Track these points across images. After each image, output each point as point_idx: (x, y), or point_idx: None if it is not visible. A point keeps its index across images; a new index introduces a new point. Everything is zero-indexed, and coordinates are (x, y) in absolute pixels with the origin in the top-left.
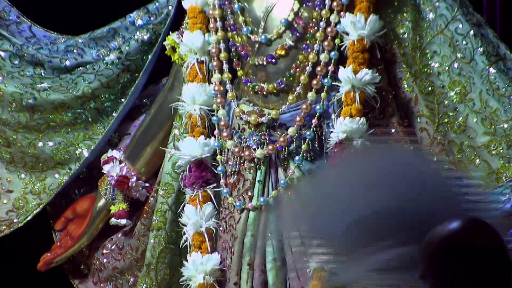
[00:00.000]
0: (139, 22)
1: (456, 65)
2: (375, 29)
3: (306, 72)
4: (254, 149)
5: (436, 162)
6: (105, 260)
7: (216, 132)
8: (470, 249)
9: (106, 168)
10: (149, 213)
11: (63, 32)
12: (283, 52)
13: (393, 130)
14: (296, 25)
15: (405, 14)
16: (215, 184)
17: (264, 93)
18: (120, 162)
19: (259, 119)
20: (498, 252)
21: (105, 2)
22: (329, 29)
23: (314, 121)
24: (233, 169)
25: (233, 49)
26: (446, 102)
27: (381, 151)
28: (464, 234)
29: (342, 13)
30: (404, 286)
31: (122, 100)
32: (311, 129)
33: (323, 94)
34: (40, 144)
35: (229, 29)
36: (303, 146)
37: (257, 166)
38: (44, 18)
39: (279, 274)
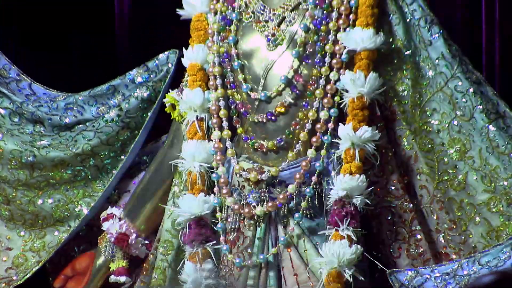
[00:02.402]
0: (139, 79)
1: (455, 122)
2: (374, 86)
3: (305, 130)
4: (254, 206)
5: None
6: None
7: (215, 189)
8: None
9: (105, 226)
10: (148, 270)
11: (63, 89)
12: (282, 110)
13: (393, 188)
14: (295, 82)
15: (404, 72)
16: (215, 241)
17: (264, 150)
18: (120, 219)
19: (259, 176)
20: None
21: (104, 59)
22: (328, 87)
23: (314, 178)
24: (232, 226)
25: (232, 107)
26: (446, 160)
27: None
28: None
29: (341, 70)
30: None
31: (122, 157)
32: (311, 186)
33: (322, 151)
34: (40, 201)
35: (228, 86)
36: (303, 203)
37: (257, 223)
38: (44, 75)
39: None
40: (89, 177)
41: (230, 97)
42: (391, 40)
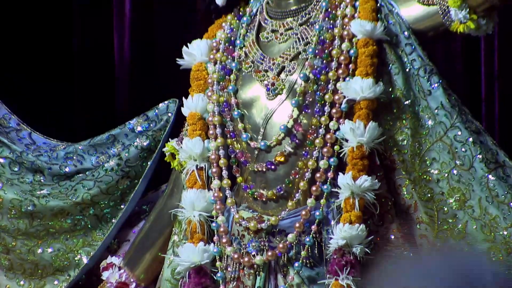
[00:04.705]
0: (139, 128)
1: (455, 172)
2: (374, 136)
3: (305, 179)
4: (254, 255)
5: None
6: None
7: (215, 238)
8: None
9: (105, 275)
10: None
11: (63, 139)
12: (282, 159)
13: (392, 237)
14: (295, 131)
15: (404, 121)
16: None
17: (264, 199)
18: (120, 268)
19: (259, 225)
20: None
21: (104, 109)
22: (328, 136)
23: (314, 227)
24: (232, 275)
25: (232, 156)
26: (445, 209)
27: None
28: None
29: (341, 120)
30: None
31: (122, 206)
32: (311, 235)
33: (322, 201)
34: (39, 250)
35: (228, 135)
36: (303, 253)
37: (257, 273)
38: (44, 125)
39: None
40: (89, 226)
41: (230, 146)
42: (390, 89)
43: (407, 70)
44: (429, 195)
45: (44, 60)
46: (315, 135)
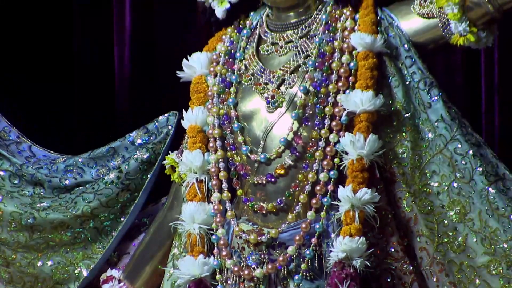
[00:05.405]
0: (139, 141)
1: (455, 184)
2: (374, 148)
3: (305, 191)
4: (254, 268)
5: None
6: None
7: (215, 251)
8: None
9: None
10: None
11: (63, 151)
12: (282, 172)
13: (392, 250)
14: (295, 144)
15: (404, 134)
16: None
17: (264, 212)
18: (119, 281)
19: (259, 238)
20: None
21: (104, 121)
22: (328, 149)
23: (314, 240)
24: None
25: (232, 168)
26: (445, 222)
27: None
28: None
29: (341, 132)
30: None
31: (122, 219)
32: (311, 248)
33: (322, 213)
34: (39, 263)
35: (228, 148)
36: (303, 265)
37: (257, 286)
38: (44, 138)
39: None
40: (89, 239)
41: (230, 159)
42: (390, 102)
43: (407, 82)
44: (429, 208)
45: (44, 60)
46: (315, 147)
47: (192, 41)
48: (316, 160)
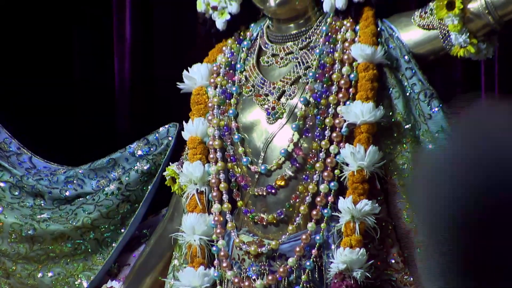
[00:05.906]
0: (139, 152)
1: None
2: (374, 160)
3: (305, 203)
4: (254, 280)
5: None
6: None
7: (215, 262)
8: None
9: None
10: None
11: (63, 163)
12: (283, 183)
13: (393, 261)
14: (295, 155)
15: (404, 145)
16: None
17: (264, 223)
18: None
19: (259, 250)
20: None
21: (104, 132)
22: (328, 160)
23: (314, 251)
24: None
25: (233, 180)
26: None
27: None
28: None
29: (341, 144)
30: None
31: (122, 230)
32: (311, 259)
33: (323, 225)
34: (40, 275)
35: (229, 159)
36: (303, 277)
37: None
38: (44, 149)
39: None
40: (89, 250)
41: (230, 170)
42: (391, 113)
43: (408, 94)
44: None
45: (44, 61)
46: (315, 159)
47: (193, 53)
48: (317, 172)
